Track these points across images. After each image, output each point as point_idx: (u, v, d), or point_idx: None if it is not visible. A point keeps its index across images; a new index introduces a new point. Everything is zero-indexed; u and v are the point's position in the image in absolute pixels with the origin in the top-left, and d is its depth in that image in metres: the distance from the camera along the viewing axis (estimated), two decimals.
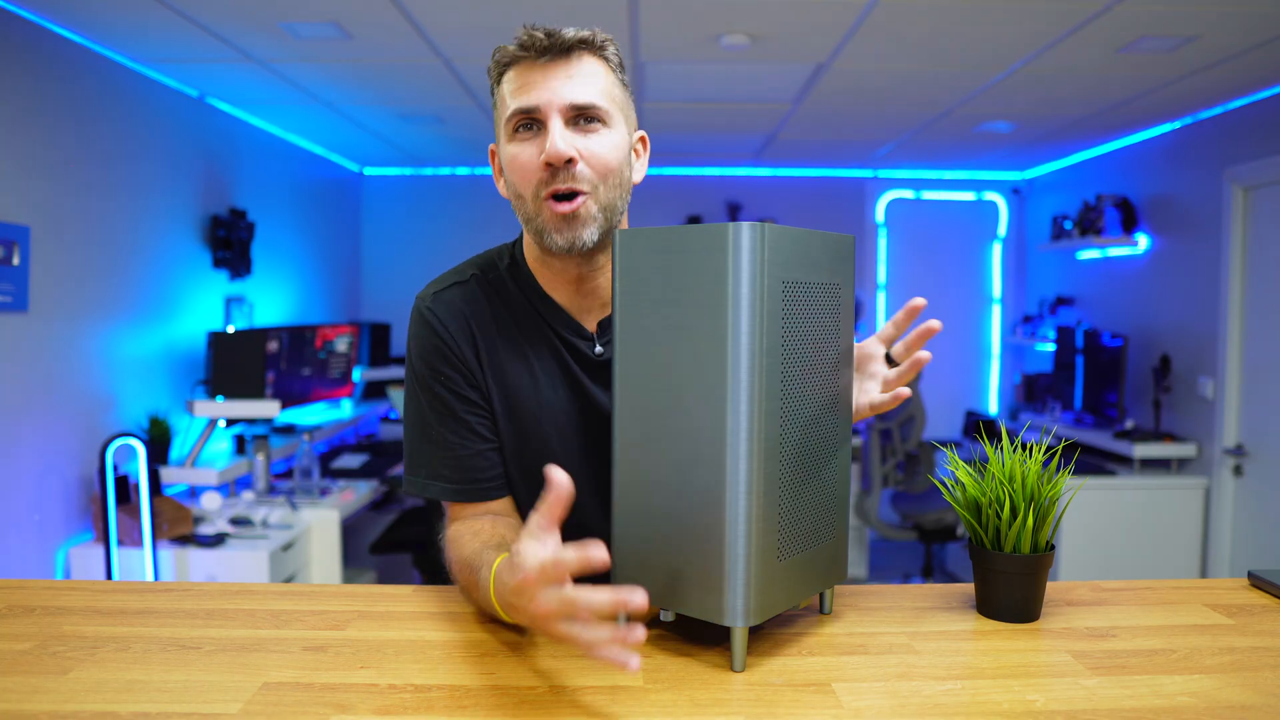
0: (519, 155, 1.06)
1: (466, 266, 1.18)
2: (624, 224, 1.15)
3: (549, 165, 1.03)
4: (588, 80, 1.05)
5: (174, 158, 3.55)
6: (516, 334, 1.14)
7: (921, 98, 3.73)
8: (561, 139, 1.02)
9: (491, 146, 1.17)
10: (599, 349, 1.13)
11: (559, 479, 0.79)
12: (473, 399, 1.12)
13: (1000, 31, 2.83)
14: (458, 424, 1.11)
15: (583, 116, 1.05)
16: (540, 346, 1.13)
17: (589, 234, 1.05)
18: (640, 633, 0.75)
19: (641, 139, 1.17)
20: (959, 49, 3.03)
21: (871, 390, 1.09)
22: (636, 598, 0.75)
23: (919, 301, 1.07)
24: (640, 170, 1.16)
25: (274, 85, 3.55)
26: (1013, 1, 2.57)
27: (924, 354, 1.07)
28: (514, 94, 1.06)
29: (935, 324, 1.07)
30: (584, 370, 1.13)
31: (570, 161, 1.03)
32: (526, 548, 0.79)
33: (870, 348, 1.11)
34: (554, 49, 1.04)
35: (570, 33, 1.04)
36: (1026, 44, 2.95)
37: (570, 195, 1.04)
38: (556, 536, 0.79)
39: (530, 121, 1.05)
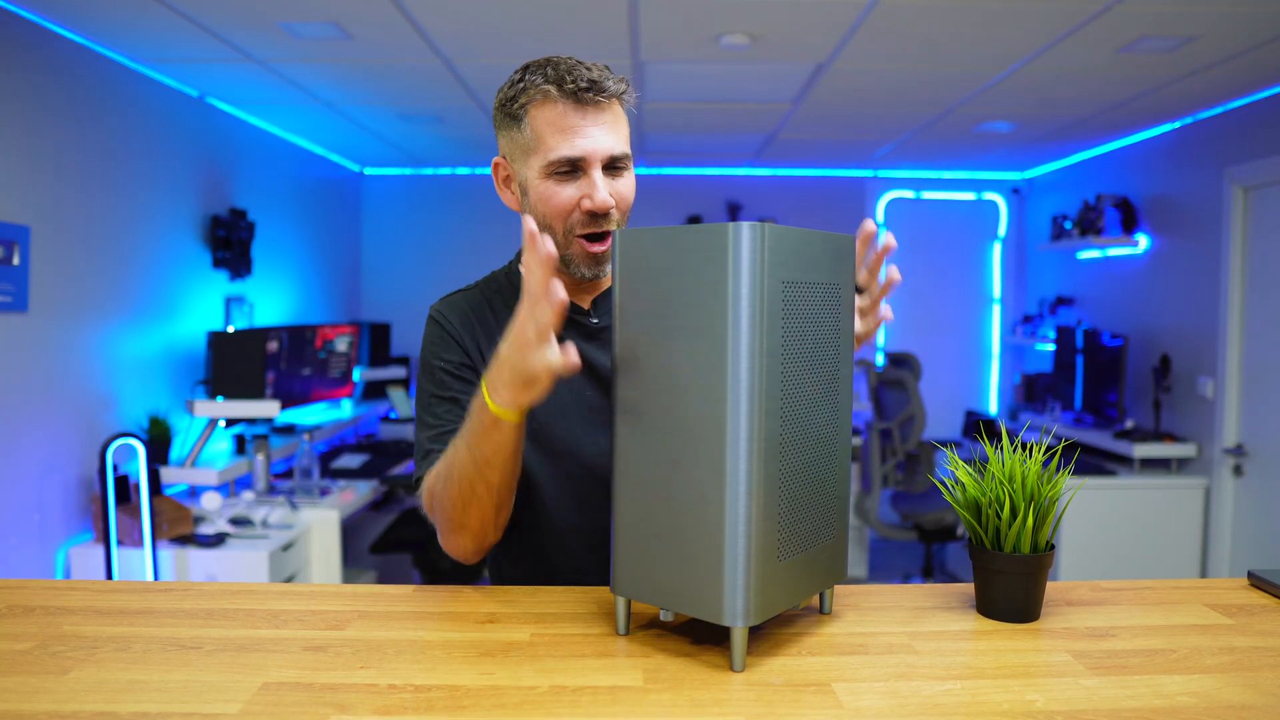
0: (556, 196, 1.14)
1: (473, 284, 1.30)
2: None
3: (591, 213, 1.12)
4: (620, 129, 1.16)
5: (174, 158, 3.55)
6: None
7: (921, 98, 3.73)
8: (605, 191, 1.12)
9: (497, 159, 1.22)
10: (595, 319, 1.23)
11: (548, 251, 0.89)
12: (469, 379, 1.20)
13: (1000, 31, 2.83)
14: (451, 404, 1.18)
15: (616, 164, 1.15)
16: None
17: (610, 265, 1.16)
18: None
19: None
20: (959, 49, 3.02)
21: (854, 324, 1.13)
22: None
23: (870, 226, 1.14)
24: None
25: (274, 85, 3.55)
26: (1013, 1, 2.57)
27: (895, 273, 1.13)
28: (553, 136, 1.12)
29: (891, 241, 1.13)
30: (582, 338, 1.22)
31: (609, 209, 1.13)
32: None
33: None
34: (596, 97, 1.12)
35: (611, 84, 1.14)
36: (1026, 44, 2.95)
37: (603, 235, 1.15)
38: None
39: (572, 168, 1.12)
